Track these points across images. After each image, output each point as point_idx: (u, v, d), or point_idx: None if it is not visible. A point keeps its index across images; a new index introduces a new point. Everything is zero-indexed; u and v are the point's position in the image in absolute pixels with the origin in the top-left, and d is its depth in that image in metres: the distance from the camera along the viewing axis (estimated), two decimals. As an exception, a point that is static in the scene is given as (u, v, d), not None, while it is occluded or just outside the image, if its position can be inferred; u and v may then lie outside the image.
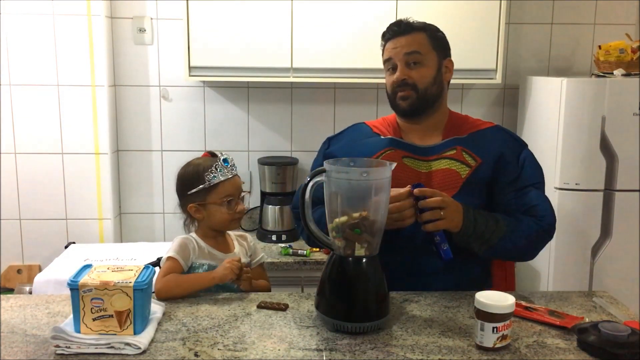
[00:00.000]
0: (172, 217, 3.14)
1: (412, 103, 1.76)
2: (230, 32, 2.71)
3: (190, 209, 1.78)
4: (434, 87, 1.77)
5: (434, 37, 1.79)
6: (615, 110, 2.62)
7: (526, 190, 1.74)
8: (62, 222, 2.98)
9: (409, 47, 1.74)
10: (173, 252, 1.73)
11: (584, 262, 2.73)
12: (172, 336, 1.42)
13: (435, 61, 1.77)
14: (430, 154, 1.79)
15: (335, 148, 1.88)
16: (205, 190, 1.75)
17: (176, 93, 3.07)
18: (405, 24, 1.78)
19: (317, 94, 3.11)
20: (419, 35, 1.76)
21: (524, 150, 1.81)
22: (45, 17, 2.81)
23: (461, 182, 1.74)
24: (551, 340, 1.42)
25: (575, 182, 2.67)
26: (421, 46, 1.75)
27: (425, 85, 1.75)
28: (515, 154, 1.79)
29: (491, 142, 1.79)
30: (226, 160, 1.77)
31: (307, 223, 1.54)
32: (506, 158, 1.76)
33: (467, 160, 1.75)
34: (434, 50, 1.77)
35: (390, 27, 1.80)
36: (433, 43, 1.77)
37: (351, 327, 1.43)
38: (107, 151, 2.93)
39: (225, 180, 1.76)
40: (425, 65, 1.75)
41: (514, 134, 1.88)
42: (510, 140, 1.82)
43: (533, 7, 3.12)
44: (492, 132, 1.83)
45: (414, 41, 1.75)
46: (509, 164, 1.76)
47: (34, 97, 2.87)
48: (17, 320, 1.51)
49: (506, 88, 3.18)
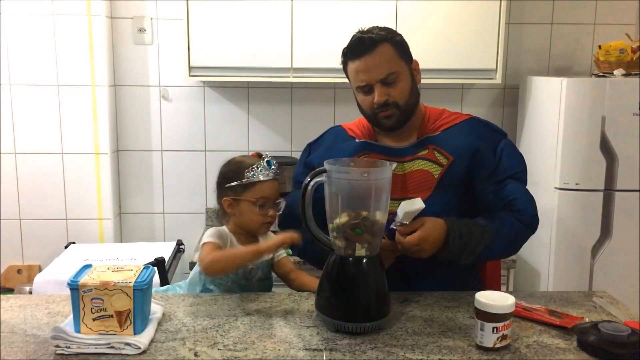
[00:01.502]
0: (172, 217, 3.14)
1: (397, 120, 1.72)
2: (230, 32, 2.71)
3: (225, 202, 1.75)
4: (412, 98, 1.73)
5: (398, 45, 1.70)
6: (615, 110, 2.62)
7: (504, 183, 1.70)
8: (62, 222, 2.98)
9: (382, 70, 1.66)
10: (211, 237, 1.70)
11: (584, 262, 2.73)
12: (172, 336, 1.42)
13: (407, 71, 1.72)
14: (404, 154, 1.76)
15: (314, 155, 1.86)
16: (242, 186, 1.72)
17: (176, 93, 3.07)
18: (368, 40, 1.66)
19: (317, 94, 3.11)
20: (385, 49, 1.67)
21: (502, 140, 1.76)
22: (45, 17, 2.81)
23: (434, 182, 1.71)
24: (551, 340, 1.42)
25: (575, 182, 2.67)
26: (392, 64, 1.67)
27: (405, 100, 1.71)
28: (492, 146, 1.74)
29: (466, 137, 1.74)
30: (269, 162, 1.74)
31: (307, 223, 1.54)
32: (482, 152, 1.72)
33: (438, 159, 1.72)
34: (402, 60, 1.70)
35: (353, 46, 1.69)
36: (399, 52, 1.69)
37: (351, 327, 1.42)
38: (107, 151, 2.93)
39: (264, 181, 1.72)
40: (401, 80, 1.69)
41: (492, 125, 1.82)
42: (487, 131, 1.78)
43: (533, 7, 3.12)
44: (467, 125, 1.78)
45: (383, 59, 1.66)
46: (486, 158, 1.72)
47: (34, 97, 2.87)
48: (17, 320, 1.51)
49: (506, 88, 3.18)
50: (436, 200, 1.66)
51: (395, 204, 1.60)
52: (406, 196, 1.69)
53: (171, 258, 2.65)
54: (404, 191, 1.72)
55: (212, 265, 1.62)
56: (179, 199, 3.13)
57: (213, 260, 1.62)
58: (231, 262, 1.65)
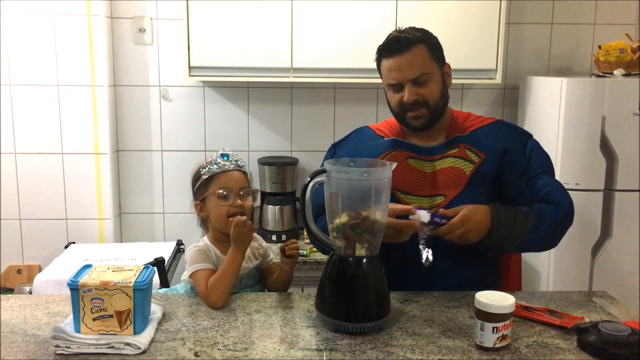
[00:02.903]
0: (172, 217, 3.14)
1: (425, 121, 1.75)
2: (230, 32, 2.71)
3: (196, 207, 1.76)
4: (442, 100, 1.76)
5: (432, 47, 1.74)
6: (615, 110, 2.62)
7: (537, 179, 1.74)
8: (62, 222, 2.98)
9: (414, 70, 1.69)
10: (196, 264, 1.67)
11: (584, 262, 2.73)
12: (172, 336, 1.42)
13: (439, 74, 1.75)
14: (434, 153, 1.78)
15: (341, 154, 1.87)
16: (203, 185, 1.73)
17: (176, 93, 3.07)
18: (404, 40, 1.70)
19: (317, 94, 3.11)
20: (420, 51, 1.70)
21: (529, 140, 1.81)
22: (45, 17, 2.81)
23: (466, 179, 1.74)
24: (551, 340, 1.42)
25: (575, 182, 2.67)
26: (425, 65, 1.70)
27: (435, 101, 1.74)
28: (521, 146, 1.79)
29: (494, 138, 1.78)
30: (224, 154, 1.75)
31: (307, 223, 1.55)
32: (511, 151, 1.76)
33: (470, 157, 1.75)
34: (436, 62, 1.74)
35: (389, 44, 1.73)
36: (433, 54, 1.73)
37: (351, 327, 1.42)
38: (107, 151, 2.93)
39: (219, 172, 1.72)
40: (432, 82, 1.73)
41: (517, 127, 1.88)
42: (514, 133, 1.82)
43: (533, 7, 3.12)
44: (494, 127, 1.82)
45: (417, 60, 1.69)
46: (516, 157, 1.76)
47: (34, 97, 2.87)
48: (17, 320, 1.51)
49: (506, 88, 3.18)
50: (467, 197, 1.68)
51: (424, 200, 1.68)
52: (437, 193, 1.74)
53: (171, 258, 2.65)
54: (434, 188, 1.75)
55: (214, 297, 1.59)
56: (179, 199, 3.13)
57: (212, 292, 1.59)
58: (227, 280, 1.62)
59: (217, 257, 1.72)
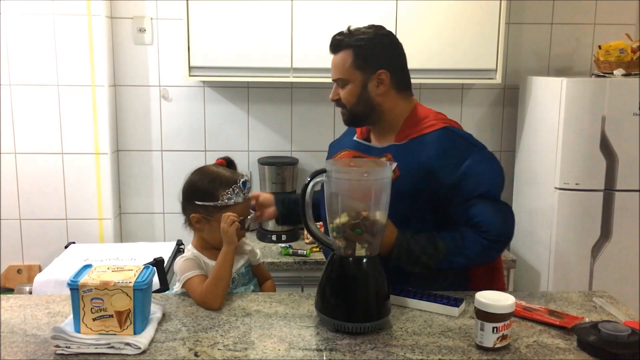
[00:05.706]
0: (172, 217, 3.14)
1: (346, 119, 1.81)
2: (230, 32, 2.71)
3: (193, 218, 1.73)
4: (359, 106, 1.74)
5: (360, 54, 1.71)
6: (615, 110, 2.62)
7: (470, 204, 1.66)
8: (62, 222, 2.98)
9: (335, 72, 1.76)
10: (187, 272, 1.67)
11: (584, 262, 2.73)
12: (172, 336, 1.42)
13: (359, 80, 1.72)
14: (373, 155, 1.78)
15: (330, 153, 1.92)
16: (216, 208, 1.70)
17: (176, 93, 3.07)
18: (333, 42, 1.76)
19: (317, 94, 3.11)
20: (345, 56, 1.72)
21: (469, 157, 1.67)
22: (45, 17, 2.81)
23: None
24: (551, 340, 1.42)
25: (575, 182, 2.67)
26: (344, 71, 1.73)
27: (351, 105, 1.76)
28: (456, 163, 1.67)
29: (427, 150, 1.69)
30: (245, 183, 1.73)
31: (307, 223, 1.55)
32: (436, 171, 1.66)
33: None
34: (359, 69, 1.71)
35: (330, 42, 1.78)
36: (357, 62, 1.71)
37: (351, 327, 1.43)
38: (107, 151, 2.93)
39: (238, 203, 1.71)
40: (349, 87, 1.74)
41: (463, 137, 1.73)
42: (452, 148, 1.69)
43: (533, 7, 3.12)
44: (438, 136, 1.71)
45: (339, 63, 1.74)
46: (442, 177, 1.66)
47: (34, 97, 2.87)
48: (17, 320, 1.51)
49: (506, 88, 3.18)
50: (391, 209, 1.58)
51: None
52: None
53: (171, 258, 2.64)
54: None
55: (210, 300, 1.59)
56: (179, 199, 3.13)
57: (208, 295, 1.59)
58: (222, 281, 1.62)
59: (205, 264, 1.71)
